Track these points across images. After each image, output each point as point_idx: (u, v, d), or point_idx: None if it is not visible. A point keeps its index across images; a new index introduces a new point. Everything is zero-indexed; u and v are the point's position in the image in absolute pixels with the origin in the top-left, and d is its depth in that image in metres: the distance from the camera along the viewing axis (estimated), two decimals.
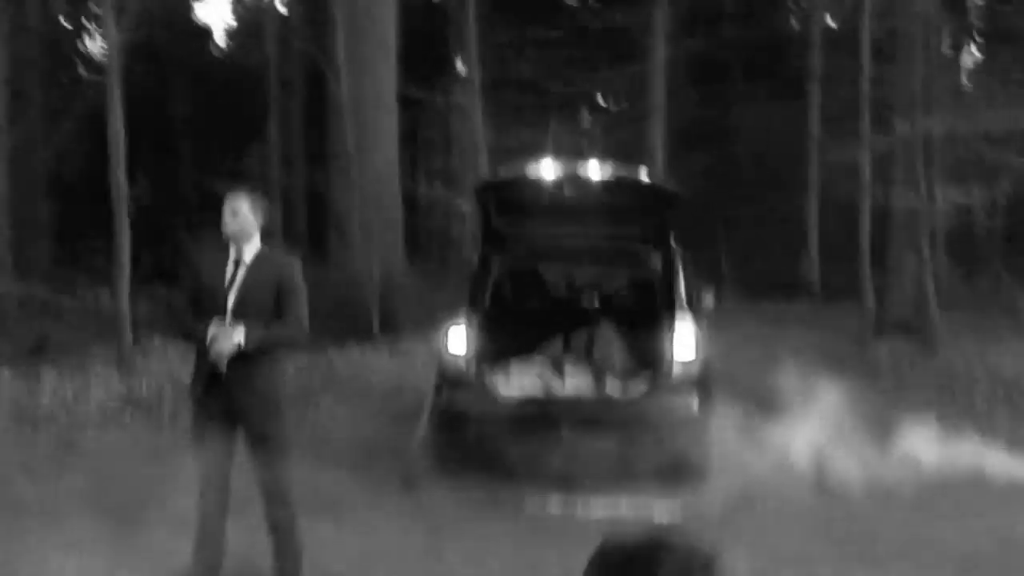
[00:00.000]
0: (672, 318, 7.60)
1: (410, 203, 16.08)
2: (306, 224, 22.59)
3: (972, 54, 26.68)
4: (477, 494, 7.28)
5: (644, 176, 7.80)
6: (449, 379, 7.56)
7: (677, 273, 7.87)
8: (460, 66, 30.49)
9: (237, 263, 5.37)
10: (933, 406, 10.54)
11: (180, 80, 24.12)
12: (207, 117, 23.99)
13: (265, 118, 21.01)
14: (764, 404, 10.21)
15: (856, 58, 20.83)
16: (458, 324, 7.62)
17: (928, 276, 12.98)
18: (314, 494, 6.19)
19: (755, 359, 11.34)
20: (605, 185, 7.71)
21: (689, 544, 1.90)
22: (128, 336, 10.78)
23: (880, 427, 9.45)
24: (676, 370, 7.44)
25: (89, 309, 14.35)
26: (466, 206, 13.77)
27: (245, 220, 5.36)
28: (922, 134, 12.92)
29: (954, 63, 24.21)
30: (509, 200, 7.99)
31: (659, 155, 17.75)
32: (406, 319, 14.02)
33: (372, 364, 11.97)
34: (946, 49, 20.45)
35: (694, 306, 7.91)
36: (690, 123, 22.30)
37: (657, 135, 17.97)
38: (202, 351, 5.33)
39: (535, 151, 17.84)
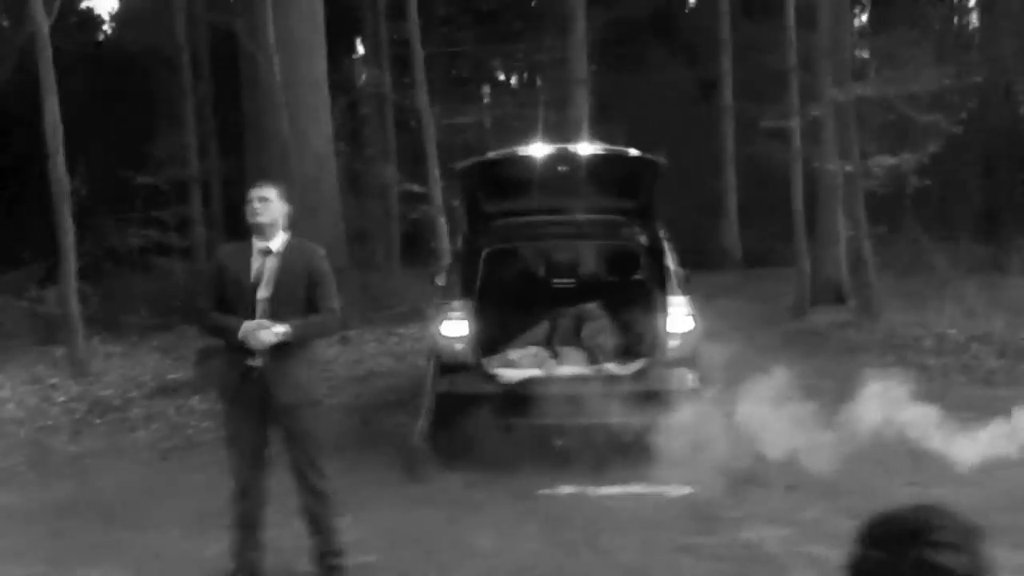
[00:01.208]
0: (664, 292, 7.63)
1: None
2: (223, 212, 22.03)
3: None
4: (485, 479, 7.23)
5: (631, 150, 7.79)
6: (447, 364, 7.46)
7: (664, 246, 7.90)
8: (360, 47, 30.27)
9: (265, 254, 5.21)
10: (889, 370, 10.84)
11: (74, 69, 23.19)
12: (108, 107, 23.14)
13: (176, 103, 20.35)
14: (729, 380, 10.36)
15: (763, 26, 21.32)
16: (453, 308, 7.51)
17: (865, 242, 13.29)
18: None
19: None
20: (594, 159, 7.69)
21: (955, 513, 1.91)
22: (80, 339, 10.37)
23: (850, 395, 9.67)
24: (673, 343, 7.47)
25: (21, 309, 13.75)
26: (414, 188, 13.51)
27: (276, 210, 5.22)
28: (853, 99, 13.20)
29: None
30: (498, 180, 7.89)
31: (584, 127, 17.72)
32: (354, 310, 13.79)
33: (331, 355, 11.76)
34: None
35: (681, 279, 7.95)
36: (608, 93, 22.41)
37: (583, 108, 17.94)
38: (233, 347, 5.15)
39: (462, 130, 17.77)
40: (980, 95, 19.56)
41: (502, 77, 33.68)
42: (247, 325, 5.03)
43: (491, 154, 7.73)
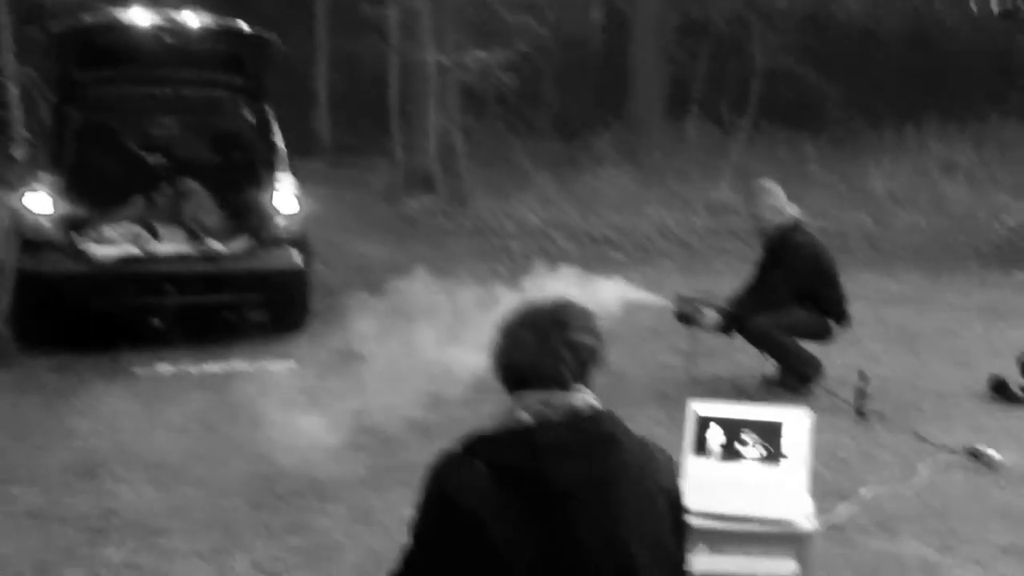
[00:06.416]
0: (271, 172, 7.54)
1: None
2: None
3: None
4: (75, 361, 6.83)
5: (242, 24, 7.46)
6: (33, 242, 6.89)
7: (272, 125, 7.76)
8: None
9: None
10: (475, 255, 11.47)
11: None
12: None
13: None
14: (330, 261, 10.44)
15: None
16: (38, 183, 6.93)
17: (457, 132, 13.79)
18: None
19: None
20: (203, 33, 7.30)
21: (580, 303, 2.30)
22: None
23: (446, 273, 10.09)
24: (280, 222, 7.41)
25: None
26: None
27: None
28: None
29: None
30: (94, 48, 7.27)
31: None
32: None
33: None
34: None
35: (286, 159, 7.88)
36: None
37: None
38: None
39: None
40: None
41: None
42: None
43: (88, 18, 7.09)
